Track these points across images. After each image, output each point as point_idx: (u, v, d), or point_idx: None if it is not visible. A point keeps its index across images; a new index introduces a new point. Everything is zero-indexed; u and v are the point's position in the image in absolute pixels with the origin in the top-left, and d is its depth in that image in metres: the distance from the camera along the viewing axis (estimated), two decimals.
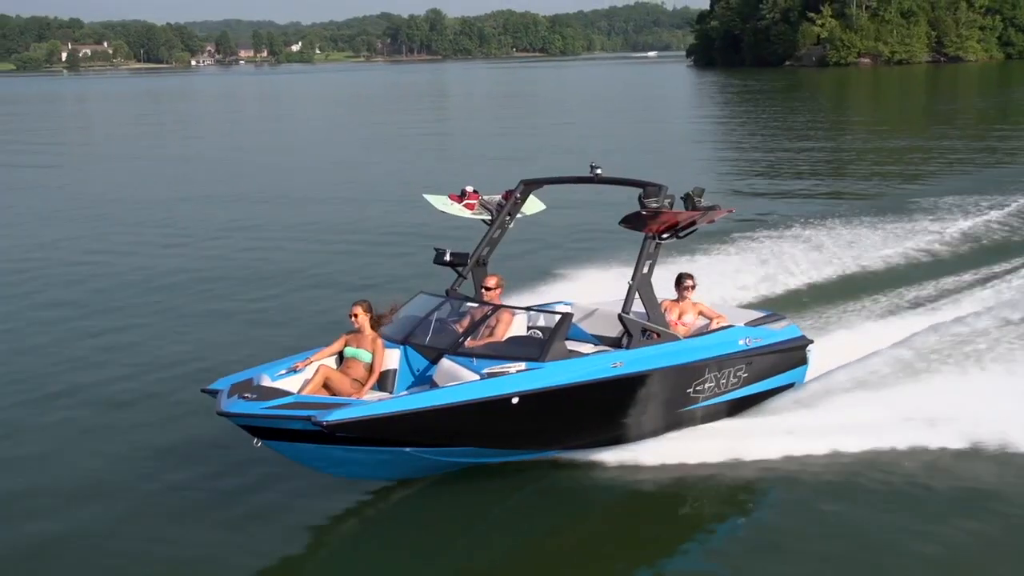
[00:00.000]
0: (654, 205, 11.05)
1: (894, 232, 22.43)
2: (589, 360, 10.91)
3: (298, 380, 10.81)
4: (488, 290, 12.06)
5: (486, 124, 66.44)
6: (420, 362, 11.18)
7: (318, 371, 10.86)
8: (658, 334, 11.31)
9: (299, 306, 18.57)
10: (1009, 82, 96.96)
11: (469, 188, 12.83)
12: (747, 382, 12.14)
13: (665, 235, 11.35)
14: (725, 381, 11.89)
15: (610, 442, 11.24)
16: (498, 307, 11.64)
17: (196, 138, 60.47)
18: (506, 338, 11.35)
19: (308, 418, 9.42)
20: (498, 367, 10.31)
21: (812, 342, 12.97)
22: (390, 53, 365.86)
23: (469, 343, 11.08)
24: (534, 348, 10.83)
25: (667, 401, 11.41)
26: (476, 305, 11.74)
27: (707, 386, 11.72)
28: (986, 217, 24.26)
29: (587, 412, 10.91)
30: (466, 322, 11.48)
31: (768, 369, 12.35)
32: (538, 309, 12.30)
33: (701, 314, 12.40)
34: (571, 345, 11.32)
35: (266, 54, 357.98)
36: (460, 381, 10.32)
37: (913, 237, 21.94)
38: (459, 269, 12.45)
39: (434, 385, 10.70)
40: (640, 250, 11.37)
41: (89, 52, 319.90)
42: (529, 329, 11.88)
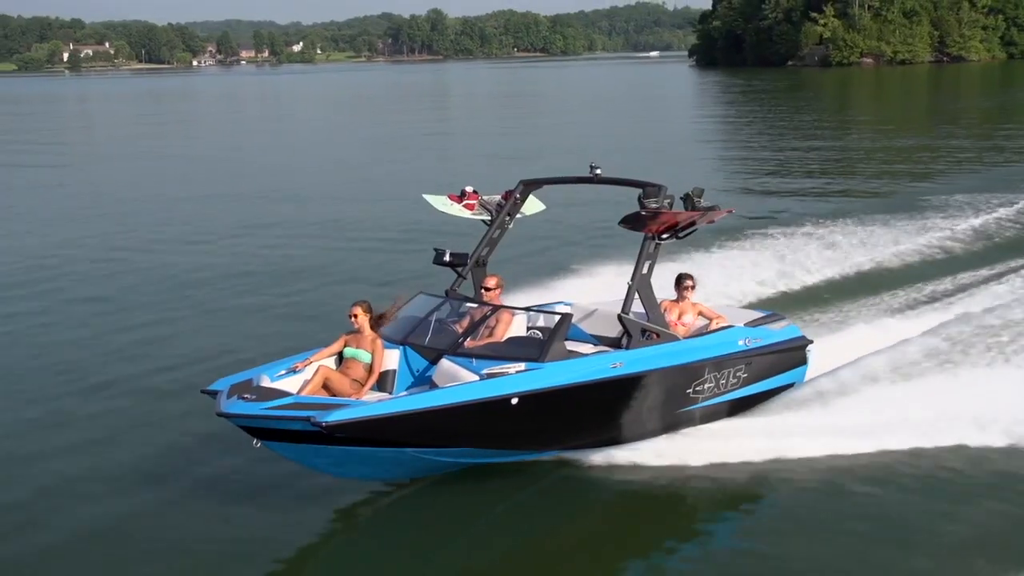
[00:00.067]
0: (653, 205, 11.06)
1: (905, 230, 22.65)
2: (589, 360, 10.91)
3: (297, 381, 10.81)
4: (488, 290, 12.06)
5: (487, 124, 66.41)
6: (420, 362, 11.18)
7: (317, 372, 10.86)
8: (658, 334, 11.32)
9: (298, 305, 18.63)
10: (1012, 82, 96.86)
11: (469, 188, 12.83)
12: (747, 382, 12.14)
13: (665, 235, 11.35)
14: (725, 381, 11.89)
15: (610, 442, 11.24)
16: (498, 307, 11.64)
17: (198, 138, 60.48)
18: (506, 338, 11.36)
19: (307, 419, 9.41)
20: (498, 367, 10.31)
21: (812, 342, 12.94)
22: (391, 53, 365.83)
23: (469, 343, 11.09)
24: (534, 348, 10.83)
25: (666, 401, 11.42)
26: (476, 305, 11.74)
27: (707, 386, 11.71)
28: (996, 214, 24.51)
29: (587, 412, 10.91)
30: (466, 322, 11.48)
31: (768, 369, 12.35)
32: (538, 309, 12.31)
33: (701, 314, 12.41)
34: (571, 345, 11.32)
35: (267, 54, 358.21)
36: (460, 382, 10.32)
37: (925, 234, 22.17)
38: (459, 269, 12.44)
39: (434, 386, 10.70)
40: (640, 250, 11.38)
41: (91, 52, 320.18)
42: (529, 329, 11.89)
